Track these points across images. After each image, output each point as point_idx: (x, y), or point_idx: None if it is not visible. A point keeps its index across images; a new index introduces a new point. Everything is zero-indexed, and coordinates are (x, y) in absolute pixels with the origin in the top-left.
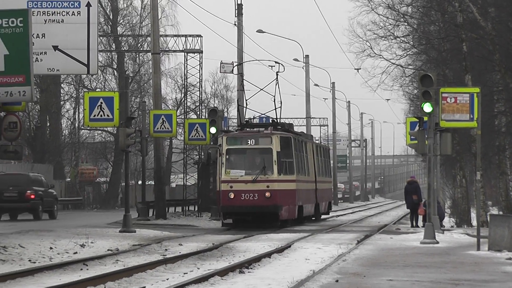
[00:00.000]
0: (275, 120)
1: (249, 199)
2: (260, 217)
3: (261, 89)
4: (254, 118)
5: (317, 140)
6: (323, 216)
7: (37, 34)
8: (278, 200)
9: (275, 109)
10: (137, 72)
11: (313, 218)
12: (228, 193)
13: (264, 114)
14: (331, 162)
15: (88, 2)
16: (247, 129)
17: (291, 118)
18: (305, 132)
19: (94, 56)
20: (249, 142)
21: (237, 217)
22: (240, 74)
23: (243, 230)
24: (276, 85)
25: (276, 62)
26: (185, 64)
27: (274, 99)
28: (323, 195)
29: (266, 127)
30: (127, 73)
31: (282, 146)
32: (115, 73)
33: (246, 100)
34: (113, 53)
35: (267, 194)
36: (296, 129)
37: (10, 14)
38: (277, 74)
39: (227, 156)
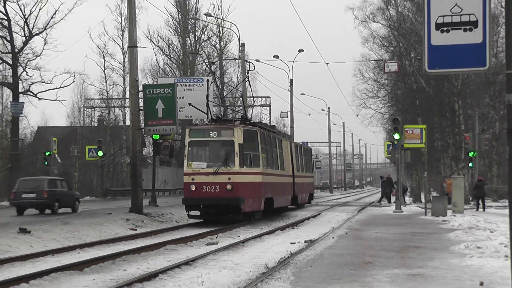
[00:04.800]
0: (244, 116)
1: (211, 192)
2: (224, 210)
3: (234, 87)
4: (223, 115)
5: (335, 155)
6: (319, 199)
7: (179, 96)
8: (240, 192)
9: (244, 107)
10: None
11: (293, 206)
12: (190, 185)
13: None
14: (320, 162)
15: (208, 79)
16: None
17: (319, 142)
18: (288, 134)
19: (211, 108)
20: (211, 135)
21: (199, 210)
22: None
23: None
24: (246, 82)
25: (246, 61)
26: (261, 113)
27: (242, 96)
28: (302, 188)
29: (233, 122)
30: None
31: (246, 139)
32: None
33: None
34: (220, 107)
35: (228, 186)
36: (322, 150)
37: (165, 86)
38: (247, 72)
39: (190, 149)
